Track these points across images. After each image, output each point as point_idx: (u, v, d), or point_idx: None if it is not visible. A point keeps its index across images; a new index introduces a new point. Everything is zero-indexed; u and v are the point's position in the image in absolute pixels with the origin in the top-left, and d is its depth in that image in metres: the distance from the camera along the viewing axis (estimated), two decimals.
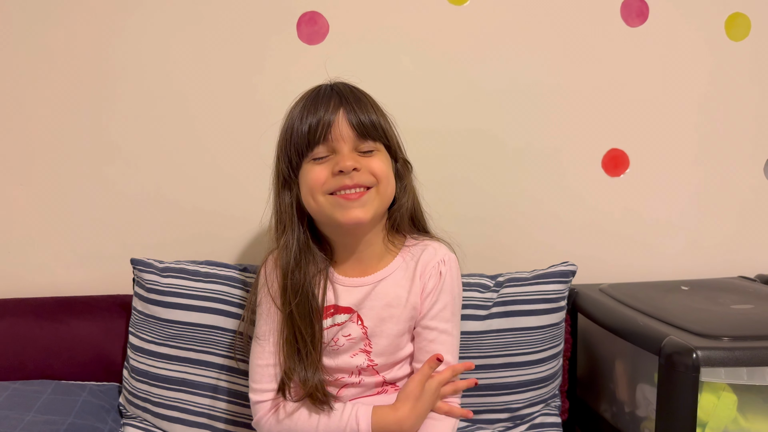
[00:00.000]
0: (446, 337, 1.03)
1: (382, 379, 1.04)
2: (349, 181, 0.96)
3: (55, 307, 1.31)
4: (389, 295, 1.03)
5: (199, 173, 1.40)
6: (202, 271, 1.22)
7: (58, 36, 1.36)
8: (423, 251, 1.05)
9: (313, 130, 0.97)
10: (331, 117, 0.97)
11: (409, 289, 1.03)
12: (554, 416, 1.24)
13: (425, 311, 1.03)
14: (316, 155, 0.98)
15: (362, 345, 1.03)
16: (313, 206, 0.99)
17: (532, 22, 1.42)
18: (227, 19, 1.38)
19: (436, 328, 1.02)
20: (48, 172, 1.39)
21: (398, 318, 1.02)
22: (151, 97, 1.38)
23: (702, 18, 1.46)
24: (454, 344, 1.04)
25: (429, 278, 1.03)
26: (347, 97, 0.99)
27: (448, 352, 1.03)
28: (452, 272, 1.05)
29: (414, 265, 1.04)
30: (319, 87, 1.02)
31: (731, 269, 1.49)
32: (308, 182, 0.98)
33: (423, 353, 1.03)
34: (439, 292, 1.03)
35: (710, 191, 1.51)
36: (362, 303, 1.03)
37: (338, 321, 1.02)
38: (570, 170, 1.46)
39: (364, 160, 0.98)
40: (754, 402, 1.04)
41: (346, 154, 0.97)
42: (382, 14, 1.39)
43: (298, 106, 1.01)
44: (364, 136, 0.98)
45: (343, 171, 0.96)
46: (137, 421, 1.22)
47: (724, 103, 1.49)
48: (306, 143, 0.98)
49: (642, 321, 1.12)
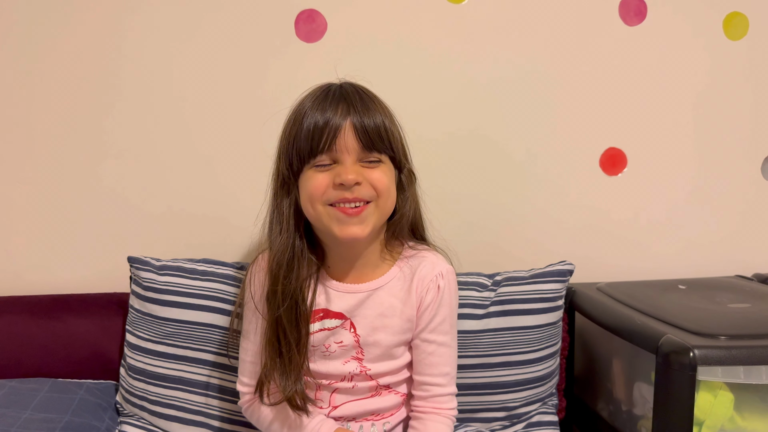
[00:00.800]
0: (445, 349, 1.03)
1: (375, 383, 1.04)
2: (349, 195, 0.94)
3: (52, 305, 1.30)
4: (384, 304, 1.02)
5: (196, 171, 1.40)
6: (200, 269, 1.22)
7: (60, 36, 1.36)
8: (420, 264, 1.03)
9: (317, 138, 0.94)
10: (338, 125, 0.94)
11: (405, 300, 1.02)
12: (551, 415, 1.24)
13: (423, 325, 1.03)
14: (319, 162, 0.95)
15: (354, 353, 1.02)
16: (312, 214, 0.98)
17: (531, 21, 1.42)
18: (225, 18, 1.37)
19: (434, 341, 1.03)
20: (46, 170, 1.39)
21: (392, 329, 1.02)
22: (148, 96, 1.38)
23: (700, 17, 1.46)
24: (453, 355, 1.05)
25: (426, 292, 1.02)
26: (356, 104, 0.95)
27: (447, 364, 1.04)
28: (450, 285, 1.04)
29: (411, 277, 1.03)
30: (328, 88, 0.99)
31: (728, 268, 1.49)
32: (308, 189, 0.96)
33: (422, 365, 1.03)
34: (438, 306, 1.02)
35: (708, 190, 1.51)
36: (355, 310, 1.02)
37: (328, 326, 1.02)
38: (568, 169, 1.46)
39: (366, 172, 0.95)
40: (750, 400, 1.04)
41: (349, 166, 0.94)
42: (380, 12, 1.39)
43: (304, 106, 0.97)
44: (369, 148, 0.96)
45: (344, 184, 0.94)
46: (134, 419, 1.21)
47: (722, 102, 1.49)
48: (309, 150, 0.95)
49: (639, 320, 1.12)
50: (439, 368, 1.03)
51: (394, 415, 1.06)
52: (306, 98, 0.99)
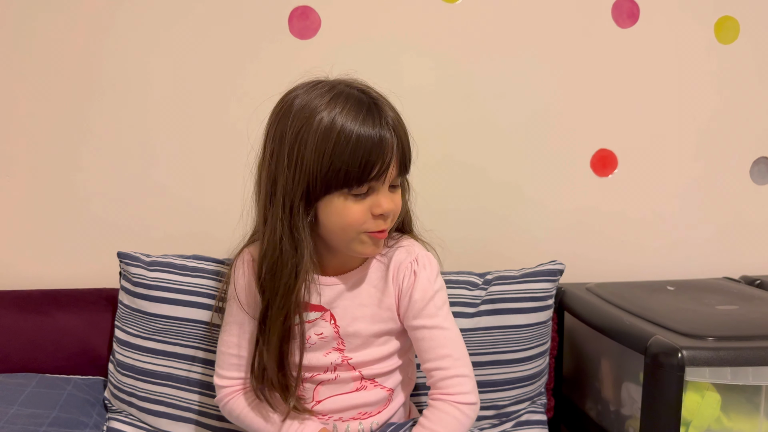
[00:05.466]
0: (438, 332, 0.99)
1: (359, 374, 1.03)
2: (384, 225, 0.95)
3: (41, 300, 1.29)
4: (362, 294, 1.02)
5: (186, 167, 1.40)
6: (189, 265, 1.22)
7: (43, 28, 1.35)
8: (396, 252, 1.03)
9: (367, 170, 0.90)
10: (391, 159, 0.91)
11: (383, 289, 1.02)
12: (540, 414, 1.24)
13: (407, 312, 1.01)
14: (357, 192, 0.92)
15: (335, 344, 1.02)
16: (341, 239, 0.95)
17: (524, 22, 1.43)
18: (218, 14, 1.37)
19: (424, 326, 1.00)
20: (34, 165, 1.38)
21: (371, 318, 1.01)
22: (138, 91, 1.37)
23: (692, 21, 1.47)
24: (450, 337, 0.99)
25: (403, 279, 1.01)
26: (402, 137, 0.94)
27: (444, 346, 0.98)
28: (427, 269, 1.01)
29: (388, 265, 1.02)
30: (367, 108, 0.91)
31: (716, 270, 1.51)
32: (344, 219, 0.93)
33: (422, 353, 1.00)
34: (416, 291, 1.00)
35: (697, 193, 1.52)
36: (334, 302, 1.01)
37: (308, 318, 1.01)
38: (559, 170, 1.47)
39: (394, 198, 0.96)
40: (737, 401, 1.05)
41: (386, 194, 0.94)
42: (374, 9, 1.39)
43: (336, 122, 0.89)
44: (402, 174, 0.97)
45: (384, 215, 0.94)
46: (122, 416, 1.21)
47: (713, 105, 1.50)
48: (357, 180, 0.90)
49: (628, 320, 1.13)
50: (437, 351, 0.98)
51: (382, 413, 1.05)
52: (334, 110, 0.90)
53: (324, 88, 0.94)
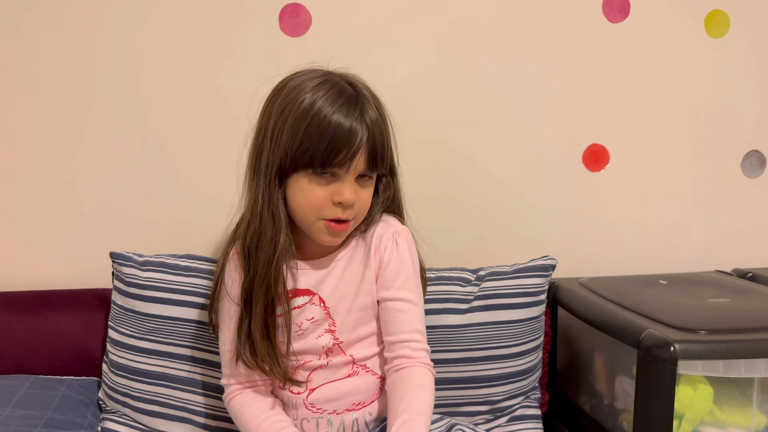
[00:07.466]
0: (413, 307, 1.03)
1: (350, 358, 1.04)
2: (342, 216, 0.97)
3: (33, 301, 1.29)
4: (347, 271, 1.04)
5: (179, 165, 1.39)
6: (182, 265, 1.21)
7: (33, 28, 1.34)
8: (376, 226, 1.05)
9: (334, 153, 0.92)
10: (359, 146, 0.93)
11: (366, 263, 1.04)
12: (534, 408, 1.25)
13: (388, 283, 1.03)
14: (321, 173, 0.95)
15: (326, 325, 1.03)
16: (302, 221, 0.99)
17: (514, 18, 1.43)
18: (208, 10, 1.36)
19: (403, 298, 1.02)
20: (26, 165, 1.37)
21: (357, 291, 1.03)
22: (130, 90, 1.37)
23: (682, 15, 1.47)
24: (422, 315, 1.04)
25: (385, 250, 1.03)
26: (376, 135, 0.95)
27: (419, 321, 1.03)
28: (408, 242, 1.05)
29: (369, 240, 1.04)
30: (347, 98, 0.95)
31: (709, 264, 1.51)
32: (306, 201, 0.96)
33: (394, 324, 1.02)
34: (400, 263, 1.03)
35: (689, 186, 1.52)
36: (321, 284, 1.03)
37: (297, 304, 1.02)
38: (550, 165, 1.47)
39: (358, 190, 0.97)
40: (729, 394, 1.05)
41: (350, 185, 0.95)
42: (365, 7, 1.39)
43: (316, 103, 0.93)
44: (371, 169, 0.97)
45: (343, 204, 0.95)
46: (117, 416, 1.21)
47: (704, 99, 1.50)
48: (322, 162, 0.93)
49: (621, 314, 1.13)
50: (412, 324, 1.02)
51: (374, 403, 1.06)
52: (320, 98, 0.94)
53: (317, 74, 0.98)
